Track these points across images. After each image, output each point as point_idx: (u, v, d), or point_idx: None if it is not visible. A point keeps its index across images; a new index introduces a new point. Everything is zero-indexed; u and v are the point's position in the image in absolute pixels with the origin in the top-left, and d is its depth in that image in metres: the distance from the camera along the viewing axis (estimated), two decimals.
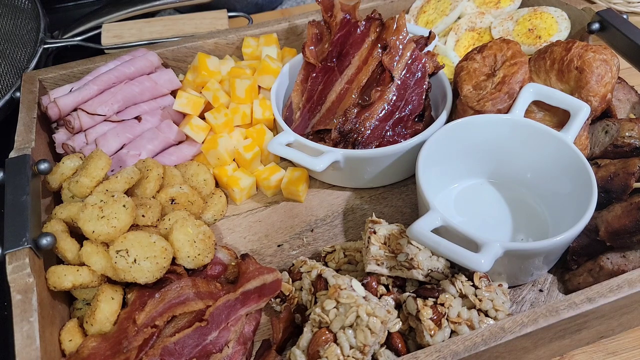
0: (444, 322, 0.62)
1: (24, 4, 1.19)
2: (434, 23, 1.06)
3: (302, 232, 0.84)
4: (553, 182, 0.78)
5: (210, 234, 0.74)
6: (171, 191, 0.80)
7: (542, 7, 1.03)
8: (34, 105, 0.88)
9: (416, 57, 0.88)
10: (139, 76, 0.94)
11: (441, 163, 0.80)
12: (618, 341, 0.71)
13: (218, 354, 0.64)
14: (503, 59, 0.84)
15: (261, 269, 0.71)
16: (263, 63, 0.95)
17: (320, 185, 0.91)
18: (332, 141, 0.86)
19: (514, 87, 0.81)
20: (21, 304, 0.62)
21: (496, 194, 0.84)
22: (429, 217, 0.66)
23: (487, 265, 0.60)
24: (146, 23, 1.16)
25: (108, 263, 0.68)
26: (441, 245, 0.62)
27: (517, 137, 0.80)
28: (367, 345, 0.58)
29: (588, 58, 0.78)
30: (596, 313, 0.61)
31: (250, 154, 0.88)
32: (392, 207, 0.87)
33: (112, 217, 0.68)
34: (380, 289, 0.68)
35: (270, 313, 0.74)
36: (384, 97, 0.86)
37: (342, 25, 0.92)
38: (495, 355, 0.60)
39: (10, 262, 0.64)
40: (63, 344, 0.65)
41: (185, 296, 0.68)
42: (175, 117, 0.94)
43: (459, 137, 0.81)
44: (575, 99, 0.78)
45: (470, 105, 0.82)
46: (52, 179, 0.79)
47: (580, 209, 0.68)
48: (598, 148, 0.81)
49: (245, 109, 0.93)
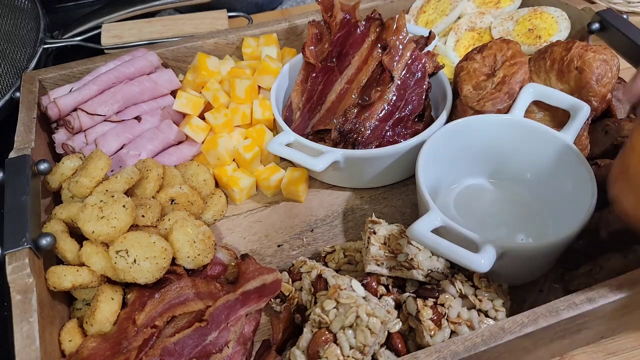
0: (444, 322, 0.62)
1: (24, 4, 1.19)
2: (434, 23, 1.06)
3: (302, 232, 0.84)
4: (553, 182, 0.78)
5: (210, 234, 0.74)
6: (171, 191, 0.80)
7: (542, 7, 1.03)
8: (34, 105, 0.88)
9: (416, 57, 0.88)
10: (138, 76, 0.94)
11: (441, 163, 0.80)
12: (618, 341, 0.71)
13: (218, 354, 0.64)
14: (503, 59, 0.84)
15: (261, 269, 0.71)
16: (263, 63, 0.95)
17: (320, 185, 0.91)
18: (332, 141, 0.86)
19: (514, 87, 0.81)
20: (21, 304, 0.62)
21: (496, 194, 0.84)
22: (428, 217, 0.66)
23: (487, 266, 0.60)
24: (146, 23, 1.16)
25: (108, 263, 0.68)
26: (441, 245, 0.62)
27: (517, 137, 0.80)
28: (367, 345, 0.58)
29: (588, 58, 0.78)
30: (596, 313, 0.61)
31: (250, 154, 0.88)
32: (392, 207, 0.87)
33: (112, 217, 0.68)
34: (380, 289, 0.68)
35: (270, 313, 0.74)
36: (383, 97, 0.86)
37: (342, 25, 0.92)
38: (495, 356, 0.60)
39: (10, 262, 0.64)
40: (63, 344, 0.65)
41: (185, 296, 0.68)
42: (175, 117, 0.94)
43: (458, 137, 0.81)
44: (575, 99, 0.78)
45: (470, 105, 0.82)
46: (52, 179, 0.79)
47: (580, 209, 0.68)
48: (598, 148, 0.81)
49: (245, 109, 0.93)
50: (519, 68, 0.82)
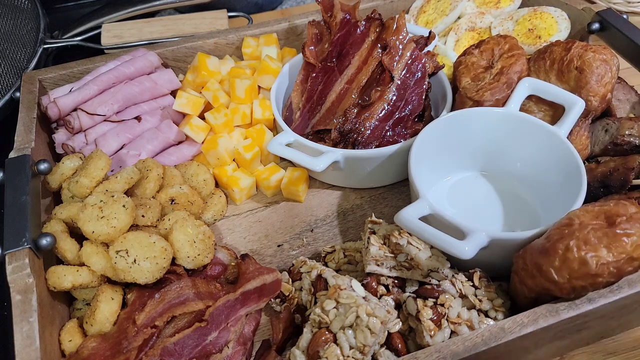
0: (444, 322, 0.62)
1: (24, 4, 1.19)
2: (434, 23, 1.06)
3: (302, 232, 0.84)
4: (545, 175, 0.79)
5: (210, 234, 0.74)
6: (171, 191, 0.80)
7: (542, 7, 1.03)
8: (34, 105, 0.88)
9: (416, 57, 0.88)
10: (138, 76, 0.94)
11: (434, 155, 0.81)
12: (618, 341, 0.71)
13: (218, 354, 0.64)
14: (501, 52, 0.85)
15: (261, 269, 0.71)
16: (263, 63, 0.95)
17: (320, 185, 0.91)
18: (332, 141, 0.86)
19: (512, 77, 0.81)
20: (21, 304, 0.62)
21: (489, 187, 0.85)
22: (417, 204, 0.68)
23: (471, 253, 0.61)
24: (146, 23, 1.16)
25: (108, 263, 0.68)
26: (426, 231, 0.64)
27: (510, 130, 0.81)
28: (367, 345, 0.58)
29: (588, 58, 0.78)
30: (596, 313, 0.61)
31: (250, 154, 0.88)
32: (392, 207, 0.87)
33: (111, 217, 0.68)
34: (380, 289, 0.68)
35: (270, 313, 0.74)
36: (383, 97, 0.86)
37: (342, 25, 0.92)
38: (495, 356, 0.60)
39: (10, 262, 0.64)
40: (63, 344, 0.65)
41: (185, 296, 0.68)
42: (175, 117, 0.94)
43: (452, 129, 0.82)
44: (569, 94, 0.78)
45: (469, 95, 0.83)
46: (52, 179, 0.79)
47: (569, 201, 0.69)
48: (598, 147, 0.81)
49: (245, 109, 0.93)
50: (517, 59, 0.82)
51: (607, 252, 0.56)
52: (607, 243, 0.56)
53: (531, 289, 0.61)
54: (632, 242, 0.56)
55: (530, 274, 0.61)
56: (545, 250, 0.59)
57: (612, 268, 0.56)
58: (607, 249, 0.56)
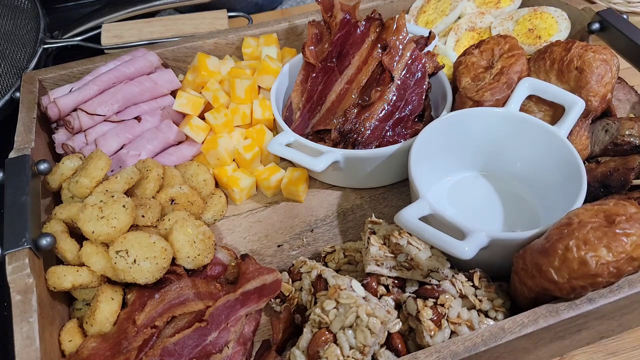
0: (444, 322, 0.62)
1: (24, 4, 1.19)
2: (434, 23, 1.06)
3: (302, 232, 0.84)
4: (545, 175, 0.79)
5: (210, 234, 0.74)
6: (171, 191, 0.80)
7: (542, 7, 1.03)
8: (34, 105, 0.88)
9: (416, 57, 0.88)
10: (138, 76, 0.94)
11: (434, 155, 0.81)
12: (618, 341, 0.71)
13: (218, 355, 0.64)
14: (501, 52, 0.85)
15: (261, 269, 0.71)
16: (263, 63, 0.95)
17: (320, 185, 0.91)
18: (332, 141, 0.86)
19: (512, 77, 0.81)
20: (21, 304, 0.62)
21: (489, 187, 0.85)
22: (417, 204, 0.68)
23: (471, 253, 0.61)
24: (146, 23, 1.16)
25: (108, 263, 0.68)
26: (426, 232, 0.64)
27: (510, 130, 0.81)
28: (367, 345, 0.58)
29: (588, 58, 0.78)
30: (596, 313, 0.61)
31: (250, 154, 0.88)
32: (392, 207, 0.87)
33: (111, 217, 0.68)
34: (380, 289, 0.68)
35: (270, 313, 0.74)
36: (383, 97, 0.86)
37: (342, 25, 0.92)
38: (496, 356, 0.60)
39: (10, 262, 0.64)
40: (63, 344, 0.65)
41: (185, 296, 0.68)
42: (175, 117, 0.94)
43: (452, 129, 0.82)
44: (569, 94, 0.78)
45: (469, 95, 0.83)
46: (52, 179, 0.79)
47: (569, 201, 0.69)
48: (598, 147, 0.81)
49: (245, 109, 0.93)
50: (517, 59, 0.82)
51: (607, 252, 0.56)
52: (606, 243, 0.56)
53: (531, 289, 0.61)
54: (632, 242, 0.56)
55: (530, 274, 0.61)
56: (545, 250, 0.59)
57: (612, 268, 0.56)
58: (607, 249, 0.56)
